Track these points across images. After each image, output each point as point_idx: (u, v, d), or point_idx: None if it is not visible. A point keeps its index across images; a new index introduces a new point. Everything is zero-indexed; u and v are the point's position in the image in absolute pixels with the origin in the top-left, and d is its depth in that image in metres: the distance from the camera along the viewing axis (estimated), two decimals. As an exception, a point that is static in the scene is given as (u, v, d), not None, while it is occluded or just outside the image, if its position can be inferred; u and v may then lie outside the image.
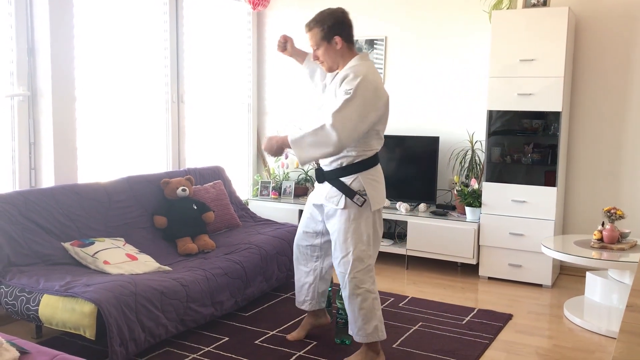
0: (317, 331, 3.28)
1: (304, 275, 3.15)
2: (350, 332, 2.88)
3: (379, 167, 2.87)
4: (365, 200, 2.74)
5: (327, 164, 2.83)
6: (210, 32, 5.10)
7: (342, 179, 2.78)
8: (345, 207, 2.76)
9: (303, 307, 3.20)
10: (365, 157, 2.78)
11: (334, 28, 2.77)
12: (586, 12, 4.41)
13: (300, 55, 3.16)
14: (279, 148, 2.74)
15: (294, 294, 3.97)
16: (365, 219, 2.77)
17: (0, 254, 3.03)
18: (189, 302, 3.11)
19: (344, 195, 2.76)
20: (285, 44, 3.12)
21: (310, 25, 2.81)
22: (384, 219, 4.98)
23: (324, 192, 2.87)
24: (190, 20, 4.81)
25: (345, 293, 2.82)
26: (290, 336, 3.22)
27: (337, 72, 2.86)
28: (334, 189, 2.79)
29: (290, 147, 2.68)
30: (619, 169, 4.40)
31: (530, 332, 3.43)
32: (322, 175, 2.86)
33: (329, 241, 2.99)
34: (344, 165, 2.78)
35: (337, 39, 2.78)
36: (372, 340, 2.82)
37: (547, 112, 4.24)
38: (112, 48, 4.13)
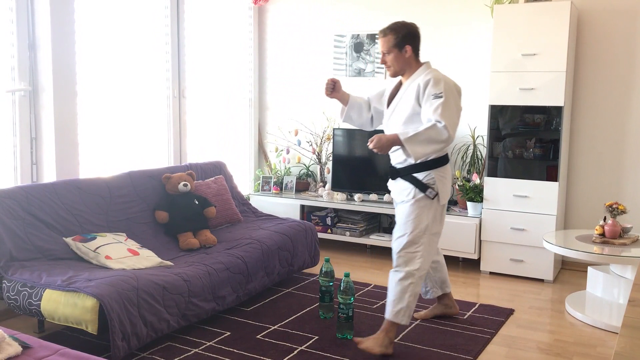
0: (324, 325, 3.27)
1: None
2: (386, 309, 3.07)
3: (448, 166, 3.09)
4: (437, 193, 2.98)
5: (401, 162, 3.04)
6: (212, 27, 5.09)
7: (415, 174, 3.00)
8: (415, 199, 2.98)
9: (427, 297, 3.46)
10: (438, 155, 2.99)
11: (407, 38, 3.02)
12: (588, 6, 4.39)
13: (344, 98, 3.34)
14: (389, 146, 2.91)
15: (295, 289, 3.99)
16: (428, 210, 2.99)
17: (2, 249, 3.03)
18: (191, 296, 3.12)
19: (415, 189, 2.99)
20: (334, 86, 3.28)
21: (386, 32, 3.05)
22: (385, 214, 5.01)
23: (397, 188, 3.10)
24: (192, 15, 4.80)
25: (392, 270, 3.04)
26: (418, 315, 3.46)
27: (399, 85, 3.14)
28: (407, 183, 3.02)
29: (401, 145, 2.86)
30: (621, 164, 4.39)
31: (531, 327, 3.43)
32: (396, 172, 3.08)
33: None
34: (417, 162, 2.96)
35: (408, 47, 3.02)
36: (394, 321, 2.98)
37: (549, 106, 4.23)
38: (113, 43, 4.12)
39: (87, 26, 3.88)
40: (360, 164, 5.15)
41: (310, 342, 3.13)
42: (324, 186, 5.30)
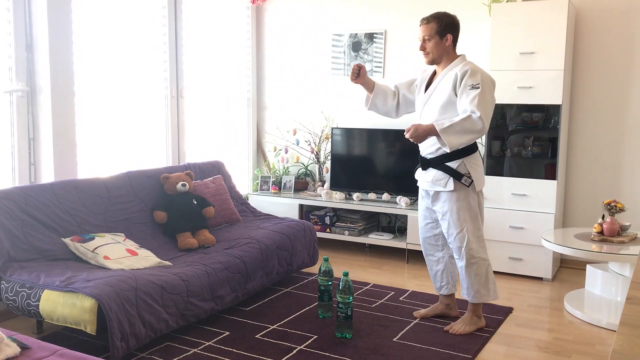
0: (322, 324, 3.28)
1: (435, 264, 3.45)
2: (465, 296, 3.26)
3: (478, 153, 3.19)
4: (472, 181, 3.08)
5: (432, 152, 3.15)
6: (210, 27, 5.09)
7: (448, 164, 3.09)
8: (454, 189, 3.09)
9: (441, 292, 3.48)
10: (472, 141, 3.07)
11: (449, 27, 3.12)
12: (586, 5, 4.39)
13: (369, 84, 3.41)
14: (426, 135, 3.03)
15: (294, 288, 3.98)
16: (472, 198, 3.13)
17: (0, 250, 3.03)
18: (190, 296, 3.11)
19: (451, 178, 3.08)
20: (359, 72, 3.34)
21: (429, 19, 3.13)
22: (384, 213, 5.01)
23: (429, 177, 3.18)
24: (189, 15, 4.79)
25: (461, 263, 3.18)
26: (417, 313, 3.51)
27: (433, 75, 3.21)
28: (440, 172, 3.12)
29: (437, 135, 2.96)
30: (619, 162, 4.40)
31: (530, 325, 3.43)
32: (427, 163, 3.18)
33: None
34: (448, 151, 3.03)
35: (449, 36, 3.11)
36: (491, 300, 3.24)
37: (547, 105, 4.24)
38: (111, 43, 4.12)
39: (84, 26, 3.88)
40: (358, 164, 5.15)
41: (309, 341, 3.13)
42: (322, 185, 5.30)
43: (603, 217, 3.72)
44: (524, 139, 4.39)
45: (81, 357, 2.03)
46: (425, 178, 3.22)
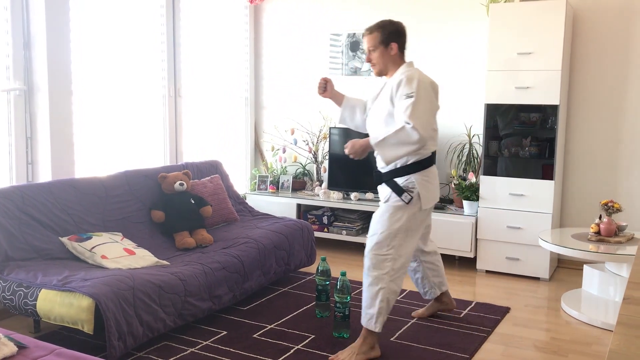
0: (318, 324, 3.28)
1: (413, 273, 3.39)
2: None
3: (433, 168, 3.01)
4: (411, 198, 2.88)
5: (383, 166, 2.98)
6: (208, 26, 5.08)
7: (396, 179, 2.93)
8: (388, 201, 2.93)
9: (427, 297, 3.43)
10: (420, 157, 2.92)
11: (393, 35, 3.00)
12: (584, 5, 4.40)
13: (338, 97, 3.30)
14: (363, 151, 2.87)
15: (291, 288, 3.99)
16: (403, 212, 2.89)
17: (-3, 249, 3.03)
18: (187, 296, 3.11)
19: (392, 193, 2.92)
20: (326, 86, 3.25)
21: (372, 29, 3.02)
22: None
23: (381, 192, 3.03)
24: (187, 14, 4.79)
25: (363, 272, 2.96)
26: (415, 313, 3.47)
27: (384, 84, 3.05)
28: (387, 187, 2.96)
29: (373, 149, 2.84)
30: (616, 162, 4.41)
31: (527, 325, 3.44)
32: (379, 178, 3.02)
33: (421, 235, 3.17)
34: (398, 166, 2.92)
35: (394, 45, 2.99)
36: (366, 327, 2.89)
37: (544, 105, 4.24)
38: (108, 42, 4.11)
39: (82, 25, 3.87)
40: (356, 163, 5.12)
41: (307, 341, 3.13)
42: (320, 185, 5.30)
43: (600, 217, 3.72)
44: (522, 139, 4.39)
45: (78, 356, 2.03)
46: (379, 191, 3.06)
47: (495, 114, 4.42)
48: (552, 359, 2.99)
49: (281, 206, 5.13)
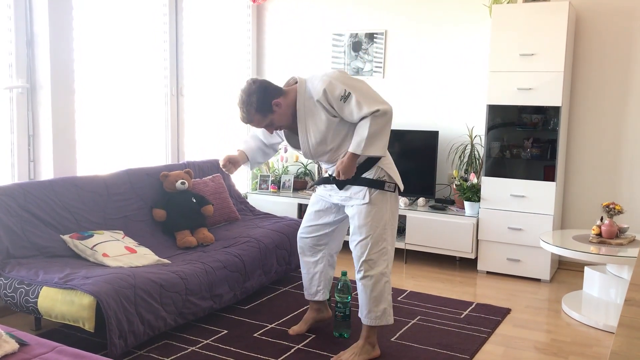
0: (318, 324, 3.28)
1: (313, 265, 3.18)
2: (359, 315, 2.91)
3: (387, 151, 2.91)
4: (396, 185, 2.84)
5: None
6: (210, 25, 5.08)
7: (364, 175, 2.82)
8: (369, 198, 2.80)
9: (316, 298, 3.20)
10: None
11: (264, 99, 2.74)
12: (586, 7, 4.40)
13: (243, 159, 3.12)
14: (353, 166, 2.76)
15: (292, 287, 3.98)
16: (384, 204, 2.83)
17: (-1, 246, 3.03)
18: (188, 295, 3.11)
19: (369, 189, 2.80)
20: (231, 167, 3.09)
21: (247, 117, 2.78)
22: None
23: (346, 194, 2.89)
24: (190, 13, 4.79)
25: (358, 275, 2.87)
26: (292, 330, 3.23)
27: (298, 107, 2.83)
28: (358, 186, 2.83)
29: (359, 156, 2.72)
30: (618, 164, 4.41)
31: (528, 327, 3.44)
32: (343, 183, 2.86)
33: (335, 228, 3.11)
34: (361, 162, 2.81)
35: (275, 102, 2.76)
36: (381, 324, 2.87)
37: (546, 106, 4.24)
38: (111, 41, 4.12)
39: (85, 23, 3.87)
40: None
41: (307, 340, 3.13)
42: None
43: (601, 219, 3.72)
44: (523, 141, 4.39)
45: (79, 354, 2.03)
46: (341, 195, 2.91)
47: (497, 115, 4.42)
48: (553, 361, 3.00)
49: (282, 206, 5.13)
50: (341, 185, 2.88)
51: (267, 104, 2.75)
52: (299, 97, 2.78)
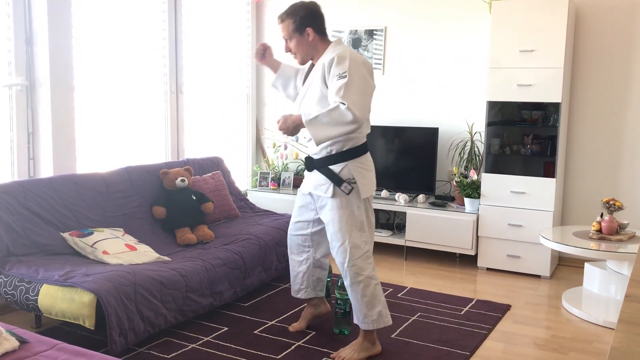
0: (318, 321, 3.28)
1: (297, 264, 3.18)
2: (355, 321, 2.89)
3: (368, 155, 2.88)
4: (352, 188, 2.76)
5: (316, 152, 2.85)
6: (209, 22, 5.08)
7: (331, 167, 2.79)
8: (334, 196, 2.78)
9: (298, 296, 3.21)
10: (355, 144, 2.79)
11: (306, 20, 2.82)
12: (586, 3, 4.39)
13: (275, 65, 3.17)
14: (295, 128, 2.74)
15: (293, 285, 3.99)
16: (357, 207, 2.79)
17: (-1, 244, 3.03)
18: (188, 292, 3.12)
19: (332, 184, 2.78)
20: (264, 52, 3.13)
21: (282, 17, 2.85)
22: (383, 210, 5.01)
23: (313, 180, 2.89)
24: (189, 10, 4.78)
25: (346, 282, 2.84)
26: (292, 327, 3.23)
27: (312, 65, 2.90)
28: (323, 177, 2.82)
29: (304, 127, 2.69)
30: (618, 160, 4.40)
31: (528, 323, 3.44)
32: (311, 164, 2.88)
33: (320, 230, 3.05)
34: (333, 153, 2.80)
35: (309, 30, 2.82)
36: (379, 327, 2.85)
37: (546, 103, 4.24)
38: (110, 38, 4.11)
39: (84, 21, 3.87)
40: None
41: (308, 337, 3.14)
42: (321, 182, 5.29)
43: (602, 215, 3.72)
44: (523, 137, 4.39)
45: (80, 351, 2.03)
46: (309, 180, 2.92)
47: (497, 111, 4.42)
48: (553, 357, 3.00)
49: (282, 203, 5.13)
50: (309, 165, 2.88)
51: (304, 25, 2.81)
52: (323, 55, 2.82)
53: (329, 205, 2.83)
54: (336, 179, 2.77)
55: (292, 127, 2.74)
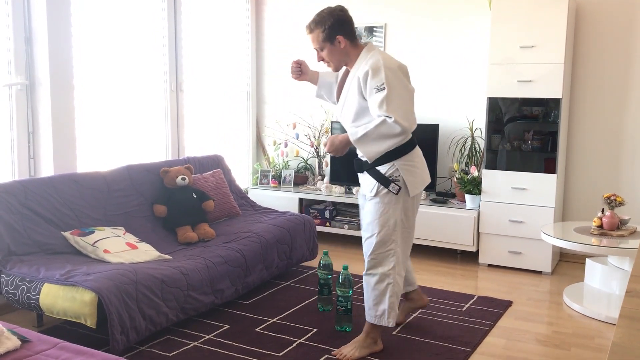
0: (321, 318, 3.28)
1: None
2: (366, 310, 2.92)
3: (417, 150, 2.85)
4: (400, 187, 2.75)
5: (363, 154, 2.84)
6: (209, 20, 5.07)
7: (378, 167, 2.78)
8: (377, 195, 2.78)
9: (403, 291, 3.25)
10: (400, 142, 2.74)
11: (335, 28, 2.79)
12: (587, -2, 4.38)
13: (314, 78, 3.17)
14: (343, 147, 2.78)
15: (294, 282, 3.99)
16: (396, 204, 2.78)
17: (0, 244, 3.03)
18: (190, 290, 3.12)
19: (377, 184, 2.78)
20: (300, 69, 3.11)
21: (311, 27, 2.83)
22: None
23: (362, 181, 2.92)
24: (189, 8, 4.78)
25: (364, 271, 2.87)
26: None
27: (347, 71, 2.88)
28: (371, 178, 2.81)
29: (351, 144, 2.72)
30: (619, 156, 4.40)
31: (530, 319, 3.44)
32: (360, 166, 2.89)
33: None
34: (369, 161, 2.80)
35: (340, 38, 2.79)
36: (379, 324, 2.85)
37: (547, 99, 4.23)
38: (110, 36, 4.11)
39: (83, 19, 3.86)
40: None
41: (309, 334, 3.14)
42: (322, 179, 5.29)
43: (603, 211, 3.72)
44: (524, 133, 4.39)
45: (81, 350, 2.03)
46: (361, 181, 2.95)
47: (498, 107, 4.41)
48: (555, 353, 3.00)
49: (283, 200, 5.13)
50: (358, 167, 2.89)
51: (334, 33, 2.78)
52: (357, 62, 2.80)
53: (371, 200, 2.83)
54: (383, 180, 2.76)
55: (340, 148, 2.78)
